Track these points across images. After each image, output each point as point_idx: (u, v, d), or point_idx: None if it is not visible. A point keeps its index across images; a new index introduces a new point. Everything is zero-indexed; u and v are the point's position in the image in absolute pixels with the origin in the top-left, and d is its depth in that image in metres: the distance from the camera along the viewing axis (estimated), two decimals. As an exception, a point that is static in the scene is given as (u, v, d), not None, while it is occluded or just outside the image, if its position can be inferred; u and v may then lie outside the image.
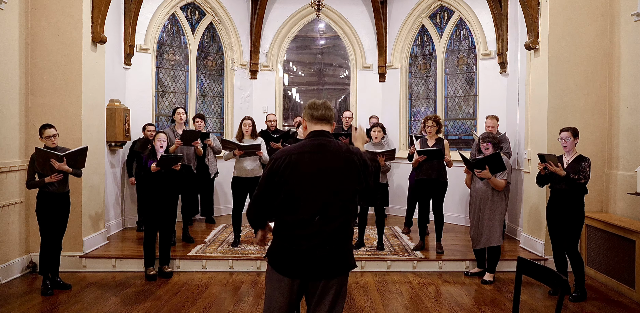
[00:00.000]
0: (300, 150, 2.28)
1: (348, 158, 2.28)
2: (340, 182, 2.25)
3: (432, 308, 4.14)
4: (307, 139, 2.34)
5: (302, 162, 2.24)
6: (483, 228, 4.76)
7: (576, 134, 4.40)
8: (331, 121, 2.39)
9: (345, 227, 2.27)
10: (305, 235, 2.22)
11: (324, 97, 8.92)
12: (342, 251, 2.27)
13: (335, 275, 2.25)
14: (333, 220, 2.23)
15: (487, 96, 7.19)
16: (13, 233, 4.86)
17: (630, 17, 4.87)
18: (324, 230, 2.22)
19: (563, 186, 4.34)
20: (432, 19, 8.02)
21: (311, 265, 2.21)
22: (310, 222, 2.21)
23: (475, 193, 4.86)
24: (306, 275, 2.23)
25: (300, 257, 2.22)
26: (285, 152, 2.30)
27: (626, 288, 4.47)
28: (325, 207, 2.22)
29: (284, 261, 2.26)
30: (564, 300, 3.15)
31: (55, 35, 5.07)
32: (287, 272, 2.25)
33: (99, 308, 4.06)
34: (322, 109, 2.36)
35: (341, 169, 2.26)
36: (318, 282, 2.24)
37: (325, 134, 2.34)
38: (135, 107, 6.78)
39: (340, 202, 2.25)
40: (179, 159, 4.86)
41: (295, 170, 2.24)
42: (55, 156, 4.23)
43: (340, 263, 2.27)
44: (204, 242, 5.87)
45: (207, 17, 7.98)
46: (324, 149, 2.28)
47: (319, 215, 2.21)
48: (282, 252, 2.27)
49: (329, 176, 2.24)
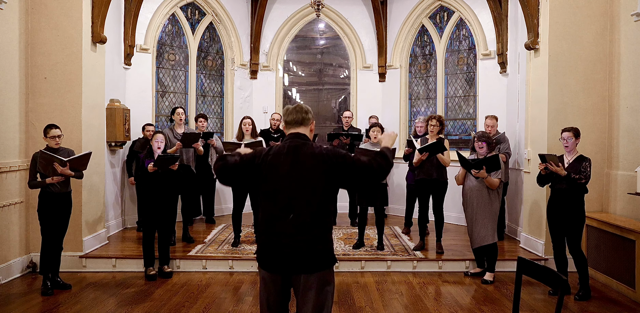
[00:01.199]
0: (277, 151, 2.42)
1: (320, 159, 2.36)
2: (313, 182, 2.34)
3: (432, 308, 4.14)
4: (284, 142, 2.48)
5: (277, 162, 2.37)
6: (477, 226, 4.77)
7: (578, 135, 4.41)
8: (304, 123, 2.49)
9: (319, 224, 2.36)
10: (281, 232, 2.33)
11: (324, 97, 8.92)
12: (318, 247, 2.35)
13: (313, 270, 2.33)
14: (306, 217, 2.32)
15: (487, 96, 7.19)
16: (13, 233, 4.86)
17: (630, 17, 4.87)
18: (298, 227, 2.32)
19: (564, 186, 4.34)
20: (432, 19, 8.01)
21: (288, 260, 2.32)
22: (285, 219, 2.33)
23: (468, 191, 4.86)
24: (284, 269, 2.34)
25: (278, 252, 2.33)
26: (262, 154, 2.44)
27: (626, 288, 4.47)
28: (298, 205, 2.32)
29: (264, 256, 2.39)
30: (564, 300, 3.15)
31: (55, 35, 5.07)
32: (268, 267, 2.38)
33: (99, 308, 4.06)
34: (293, 113, 2.49)
35: (313, 169, 2.34)
36: (298, 276, 2.34)
37: (300, 136, 2.45)
38: (135, 107, 6.78)
39: (313, 201, 2.34)
40: (176, 159, 4.86)
41: (271, 170, 2.37)
42: (59, 160, 4.23)
43: (317, 258, 2.35)
44: (204, 242, 5.87)
45: (207, 17, 7.98)
46: (296, 150, 2.39)
47: (292, 213, 2.32)
48: (262, 248, 2.41)
49: (302, 176, 2.34)
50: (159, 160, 4.72)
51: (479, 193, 4.76)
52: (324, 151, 2.39)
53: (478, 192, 4.76)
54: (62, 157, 4.33)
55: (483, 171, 4.60)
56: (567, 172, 4.30)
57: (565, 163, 4.42)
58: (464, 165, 4.76)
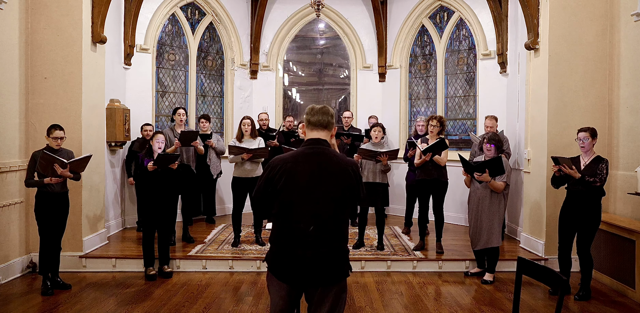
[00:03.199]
0: (295, 159, 2.28)
1: (342, 169, 2.28)
2: (334, 192, 2.25)
3: (432, 308, 4.14)
4: (303, 147, 2.34)
5: (297, 171, 2.25)
6: (482, 229, 4.75)
7: (594, 135, 4.32)
8: (328, 127, 2.35)
9: (339, 236, 2.29)
10: (301, 243, 2.23)
11: (324, 97, 8.92)
12: (337, 259, 2.28)
13: (332, 283, 2.27)
14: (327, 229, 2.24)
15: (487, 96, 7.19)
16: (13, 233, 4.86)
17: (630, 17, 4.87)
18: (318, 239, 2.23)
19: (580, 188, 4.28)
20: (432, 19, 8.01)
21: (307, 273, 2.23)
22: (305, 231, 2.23)
23: (474, 194, 4.85)
24: (303, 282, 2.26)
25: (297, 265, 2.23)
26: (281, 160, 2.31)
27: (626, 288, 4.47)
28: (319, 217, 2.23)
29: (281, 269, 2.28)
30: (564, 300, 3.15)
31: (55, 35, 5.07)
32: (285, 279, 2.27)
33: (99, 308, 4.06)
34: (319, 115, 2.33)
35: (335, 179, 2.26)
36: (315, 289, 2.26)
37: (321, 143, 2.32)
38: (135, 107, 6.78)
39: (334, 212, 2.26)
40: (176, 158, 4.86)
41: (290, 179, 2.24)
42: (59, 162, 4.23)
43: (336, 271, 2.28)
44: (204, 242, 5.87)
45: (207, 17, 7.98)
46: (319, 158, 2.28)
47: (313, 225, 2.22)
48: (279, 259, 2.29)
49: (323, 186, 2.24)
50: (159, 159, 4.72)
51: (483, 195, 4.74)
52: (347, 160, 2.33)
53: (483, 195, 4.75)
54: (62, 158, 4.33)
55: (486, 174, 4.57)
56: (582, 174, 4.24)
57: (581, 165, 4.36)
58: (466, 168, 4.73)
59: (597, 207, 4.30)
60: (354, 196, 2.33)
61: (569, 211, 4.40)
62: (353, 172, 2.31)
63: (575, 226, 4.37)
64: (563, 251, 4.46)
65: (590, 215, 4.28)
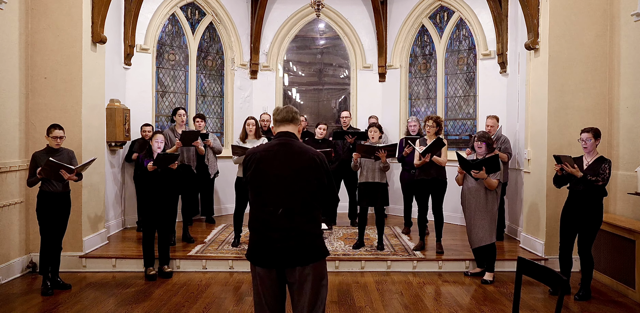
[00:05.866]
0: (264, 149, 2.53)
1: (308, 157, 2.48)
2: (300, 177, 2.46)
3: (432, 308, 4.14)
4: (273, 139, 2.59)
5: (265, 159, 2.48)
6: (475, 227, 4.76)
7: (597, 135, 4.31)
8: (293, 121, 2.61)
9: (309, 218, 2.46)
10: (274, 227, 2.42)
11: (324, 97, 8.92)
12: (310, 239, 2.45)
13: (308, 261, 2.41)
14: (295, 212, 2.43)
15: (487, 96, 7.19)
16: (13, 233, 4.87)
17: (630, 17, 4.87)
18: (288, 221, 2.42)
19: (581, 188, 4.28)
20: (432, 19, 8.02)
21: (283, 253, 2.40)
22: (274, 214, 2.43)
23: (467, 191, 4.86)
24: (279, 263, 2.41)
25: (272, 247, 2.41)
26: (252, 151, 2.57)
27: (626, 288, 4.47)
28: (287, 200, 2.43)
29: (258, 253, 2.45)
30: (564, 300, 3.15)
31: (55, 35, 5.07)
32: (263, 263, 2.43)
33: (98, 308, 4.06)
34: (283, 112, 2.61)
35: (301, 165, 2.46)
36: (293, 269, 2.40)
37: (289, 135, 2.56)
38: (135, 107, 6.78)
39: (302, 196, 2.45)
40: (176, 158, 4.86)
41: (258, 167, 2.48)
42: (67, 168, 4.23)
43: (311, 250, 2.44)
44: (204, 242, 5.87)
45: (207, 17, 7.98)
46: (285, 147, 2.50)
47: (282, 208, 2.42)
48: (255, 244, 2.47)
49: (290, 172, 2.45)
50: (159, 159, 4.72)
51: (477, 193, 4.76)
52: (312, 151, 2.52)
53: (476, 193, 4.76)
54: (63, 158, 4.35)
55: (483, 172, 4.59)
56: (584, 174, 4.24)
57: (584, 165, 4.35)
58: (463, 166, 4.74)
59: (599, 207, 4.29)
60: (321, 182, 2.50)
61: (570, 211, 4.40)
62: (319, 160, 2.51)
63: (576, 226, 4.36)
64: (564, 251, 4.46)
65: (592, 215, 4.27)
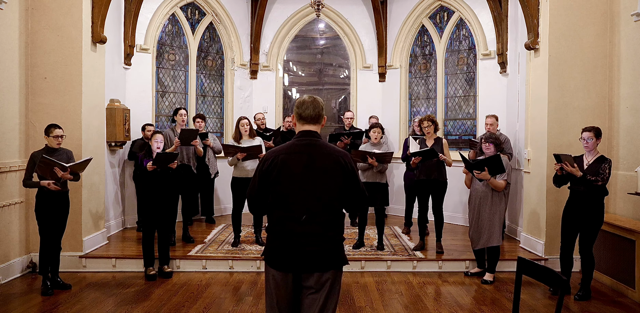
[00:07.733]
0: (288, 150, 2.37)
1: (334, 159, 2.36)
2: (326, 181, 2.33)
3: (432, 308, 4.14)
4: (295, 139, 2.42)
5: (290, 162, 2.33)
6: (482, 228, 4.75)
7: (599, 135, 4.30)
8: (319, 119, 2.43)
9: (333, 224, 2.36)
10: (296, 231, 2.31)
11: (324, 97, 8.91)
12: (332, 246, 2.36)
13: (329, 268, 2.33)
14: (320, 217, 2.32)
15: (487, 96, 7.19)
16: (13, 233, 4.86)
17: (630, 17, 4.87)
18: (312, 226, 2.31)
19: (581, 188, 4.26)
20: (432, 19, 8.01)
21: (303, 258, 2.30)
22: (298, 220, 2.31)
23: (474, 193, 4.85)
24: (299, 267, 2.31)
25: (292, 251, 2.31)
26: (274, 152, 2.40)
27: (626, 288, 4.47)
28: (312, 205, 2.32)
29: (278, 256, 2.35)
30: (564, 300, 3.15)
31: (55, 35, 5.07)
32: (281, 266, 2.33)
33: (98, 308, 4.06)
34: (311, 108, 2.41)
35: (327, 169, 2.34)
36: (311, 274, 2.31)
37: (313, 135, 2.41)
38: (135, 107, 6.78)
39: (326, 200, 2.34)
40: (175, 157, 4.86)
41: (284, 170, 2.33)
42: (60, 166, 4.23)
43: (332, 257, 2.35)
44: (204, 242, 5.87)
45: (207, 17, 7.98)
46: (311, 149, 2.36)
47: (306, 213, 2.31)
48: (275, 247, 2.36)
49: (316, 175, 2.33)
50: (158, 158, 4.72)
51: (485, 195, 4.74)
52: (337, 152, 2.39)
53: (484, 194, 4.75)
54: (61, 158, 4.33)
55: (485, 172, 4.57)
56: (584, 173, 4.23)
57: (584, 164, 4.34)
58: (466, 165, 4.75)
59: (600, 207, 4.29)
60: (349, 185, 2.38)
61: (571, 211, 4.39)
62: (345, 162, 2.37)
63: (577, 226, 4.36)
64: (565, 251, 4.45)
65: (593, 215, 4.27)
